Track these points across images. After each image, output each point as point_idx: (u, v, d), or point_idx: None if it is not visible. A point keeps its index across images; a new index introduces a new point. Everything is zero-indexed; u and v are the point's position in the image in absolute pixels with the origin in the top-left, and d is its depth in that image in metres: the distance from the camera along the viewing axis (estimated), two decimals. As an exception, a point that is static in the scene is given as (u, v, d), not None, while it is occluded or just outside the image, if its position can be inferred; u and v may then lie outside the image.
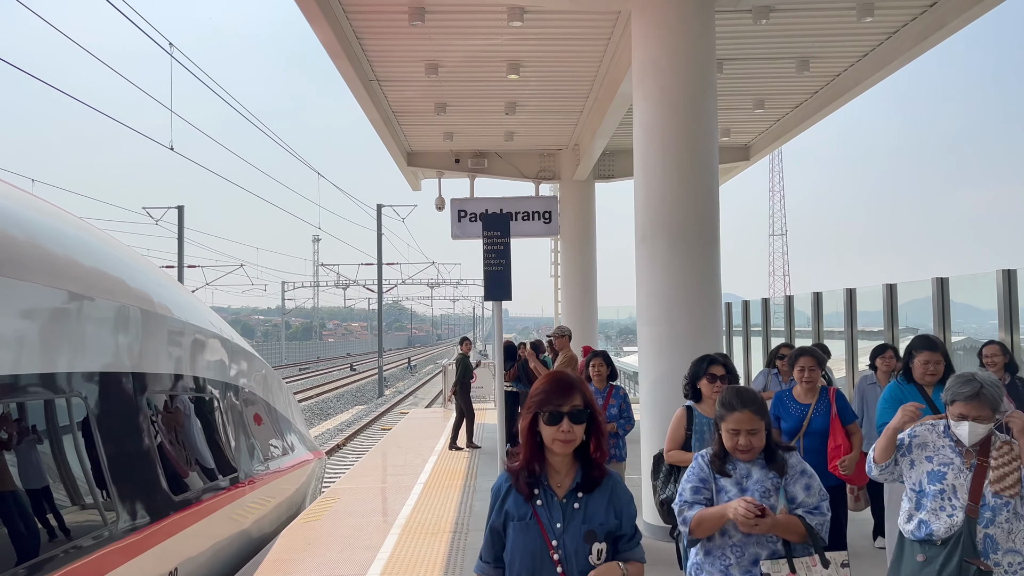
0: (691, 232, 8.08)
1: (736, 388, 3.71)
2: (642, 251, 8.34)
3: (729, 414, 3.56)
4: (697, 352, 7.85)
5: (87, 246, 5.82)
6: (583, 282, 18.70)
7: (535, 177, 18.69)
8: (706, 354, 5.63)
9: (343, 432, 29.04)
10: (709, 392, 5.32)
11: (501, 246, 11.16)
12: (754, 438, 3.53)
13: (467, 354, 14.34)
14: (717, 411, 3.65)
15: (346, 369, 68.48)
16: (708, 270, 8.14)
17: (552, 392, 2.86)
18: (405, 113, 15.02)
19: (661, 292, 8.10)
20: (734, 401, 3.58)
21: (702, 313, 8.01)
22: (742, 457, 3.59)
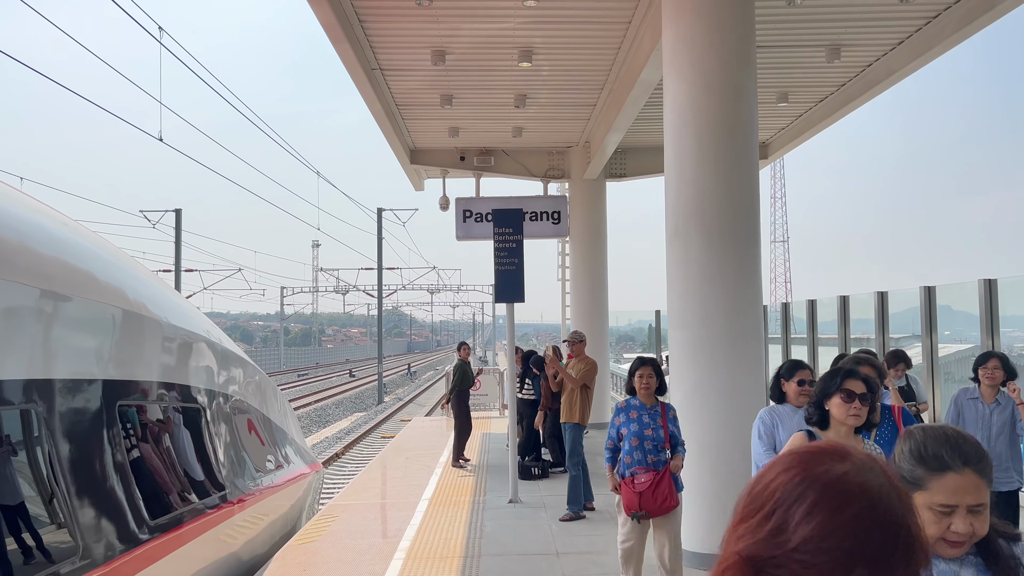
0: (729, 225, 7.30)
1: (944, 430, 2.07)
2: (674, 247, 7.55)
3: (937, 476, 1.98)
4: (736, 358, 7.13)
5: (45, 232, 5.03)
6: (593, 286, 17.90)
7: (544, 176, 17.92)
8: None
9: (342, 440, 28.22)
10: (843, 416, 3.73)
11: (513, 244, 10.37)
12: (977, 520, 1.97)
13: (466, 360, 13.42)
14: (902, 466, 2.05)
15: (345, 375, 67.63)
16: (748, 267, 7.35)
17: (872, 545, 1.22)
18: (409, 106, 14.25)
19: (695, 292, 7.31)
20: (949, 453, 2.00)
21: (741, 315, 7.23)
22: (950, 552, 2.00)
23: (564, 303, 21.54)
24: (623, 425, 5.89)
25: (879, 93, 13.19)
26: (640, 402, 5.95)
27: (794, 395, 4.89)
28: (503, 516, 9.39)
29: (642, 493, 5.68)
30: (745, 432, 7.11)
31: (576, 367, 9.54)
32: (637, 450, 5.77)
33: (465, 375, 12.92)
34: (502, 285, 10.25)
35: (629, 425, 5.85)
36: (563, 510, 9.43)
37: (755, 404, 7.24)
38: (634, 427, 5.82)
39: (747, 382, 7.18)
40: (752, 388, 7.21)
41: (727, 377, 7.10)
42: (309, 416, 36.55)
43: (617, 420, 5.95)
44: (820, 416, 3.82)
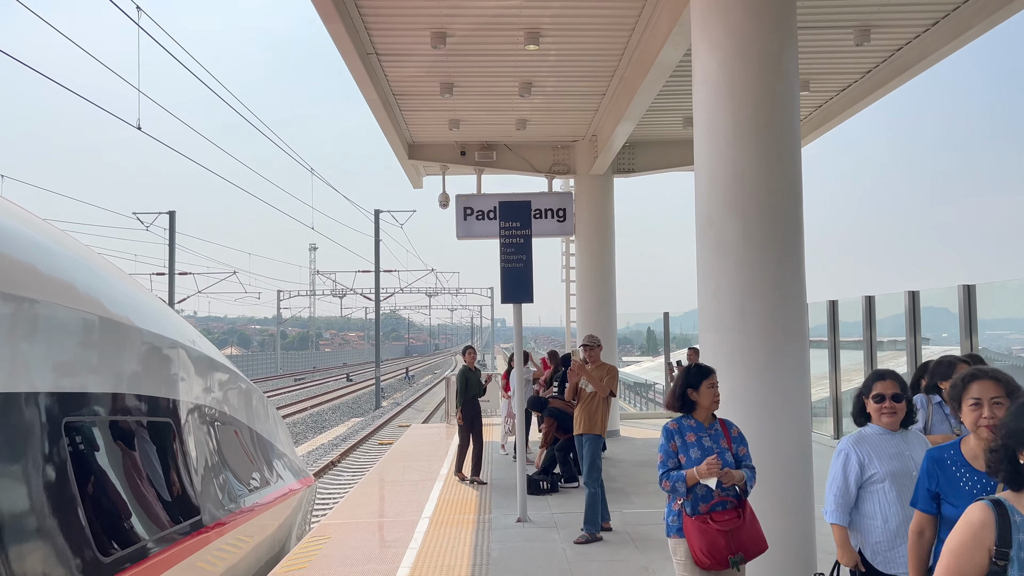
0: (770, 212, 6.46)
1: None
2: (707, 239, 6.70)
3: None
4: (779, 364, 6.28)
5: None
6: (600, 287, 17.03)
7: (548, 171, 17.08)
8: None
9: (338, 447, 27.38)
10: None
11: (521, 239, 9.53)
12: None
13: (471, 366, 12.16)
14: None
15: (342, 380, 66.76)
16: (791, 259, 6.50)
17: None
18: (407, 95, 13.40)
19: (732, 289, 6.46)
20: None
21: (784, 314, 6.39)
22: None
23: (568, 305, 20.68)
24: (682, 451, 4.65)
25: (904, 82, 12.38)
26: (696, 421, 4.72)
27: (876, 414, 4.04)
28: (511, 537, 8.55)
29: (731, 532, 4.49)
30: (791, 449, 6.29)
31: (596, 373, 8.70)
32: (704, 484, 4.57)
33: (469, 383, 11.86)
34: (509, 284, 9.41)
35: (688, 451, 4.64)
36: (577, 530, 8.60)
37: (800, 416, 6.41)
38: (695, 452, 4.62)
39: (791, 391, 6.34)
40: (797, 398, 6.37)
41: (769, 386, 6.26)
42: (305, 422, 35.70)
43: (672, 445, 4.69)
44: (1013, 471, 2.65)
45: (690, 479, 4.53)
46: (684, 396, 4.72)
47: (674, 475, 4.59)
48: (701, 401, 4.70)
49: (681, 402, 4.75)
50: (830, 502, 4.06)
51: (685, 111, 14.91)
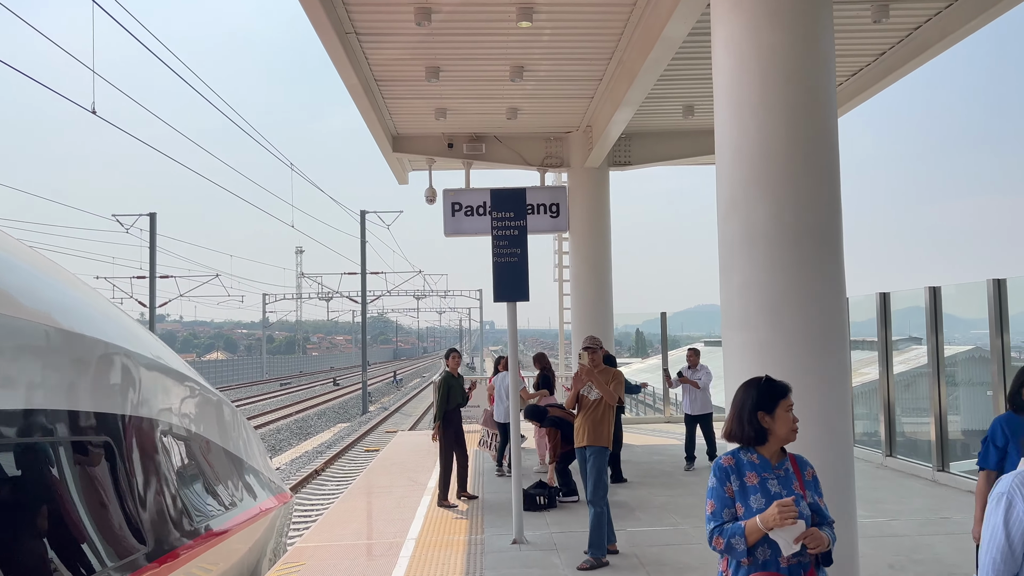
0: (806, 192, 5.63)
1: None
2: (731, 226, 5.85)
3: None
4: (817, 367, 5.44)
5: None
6: (596, 285, 16.17)
7: (540, 164, 16.22)
8: None
9: (322, 455, 26.43)
10: None
11: (515, 231, 8.67)
12: None
13: (455, 372, 10.63)
14: None
15: (329, 384, 65.72)
16: (829, 247, 5.66)
17: None
18: (390, 81, 12.52)
19: (761, 281, 5.62)
20: None
21: (823, 309, 5.54)
22: None
23: (562, 306, 19.82)
24: (740, 499, 3.38)
25: (917, 67, 11.62)
26: (761, 457, 3.44)
27: None
28: (507, 562, 7.67)
29: None
30: (833, 469, 5.44)
31: (602, 379, 7.85)
32: (769, 543, 3.28)
33: (452, 391, 10.37)
34: (502, 280, 8.53)
35: (748, 499, 3.36)
36: (579, 552, 7.73)
37: (841, 430, 5.56)
38: (757, 501, 3.34)
39: (832, 399, 5.51)
40: (837, 407, 5.53)
41: (806, 393, 5.39)
42: (289, 428, 34.74)
43: (728, 489, 3.41)
44: None
45: (752, 533, 3.25)
46: (754, 422, 3.45)
47: (730, 528, 3.32)
48: (776, 430, 3.44)
49: (754, 431, 3.45)
50: (988, 570, 2.80)
51: (686, 98, 14.09)
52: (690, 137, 16.27)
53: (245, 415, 35.12)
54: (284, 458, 27.27)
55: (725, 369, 5.87)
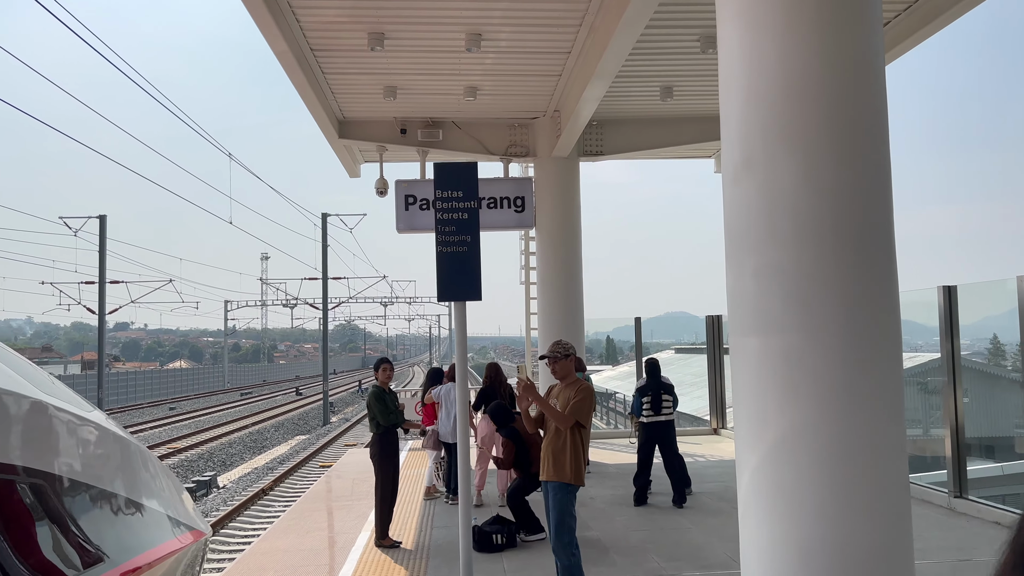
0: (845, 147, 4.11)
1: None
2: (743, 190, 4.32)
3: None
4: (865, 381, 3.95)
5: None
6: (566, 287, 14.63)
7: (504, 154, 14.67)
8: None
9: (274, 471, 24.66)
10: None
11: (464, 213, 7.08)
12: None
13: (384, 386, 8.89)
14: None
15: (292, 393, 63.66)
16: (878, 219, 4.15)
17: None
18: (328, 50, 10.92)
19: (786, 265, 4.11)
20: None
21: (873, 305, 4.03)
22: None
23: (528, 310, 18.27)
24: None
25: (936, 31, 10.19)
26: None
27: None
28: (451, 627, 6.10)
29: None
30: (886, 517, 3.93)
31: (563, 395, 6.29)
32: None
33: (386, 408, 8.68)
34: (448, 275, 6.95)
35: None
36: (542, 612, 6.18)
37: (896, 463, 4.04)
38: None
39: (884, 423, 3.99)
40: (891, 433, 4.02)
41: (851, 417, 3.90)
42: (243, 441, 32.85)
43: None
44: None
45: None
46: None
47: None
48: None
49: None
50: None
51: (663, 77, 12.62)
52: (668, 125, 14.82)
53: (198, 427, 33.13)
54: (233, 475, 25.49)
55: (735, 389, 4.34)
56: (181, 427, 37.92)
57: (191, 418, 43.35)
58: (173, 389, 69.78)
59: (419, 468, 13.25)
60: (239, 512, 18.01)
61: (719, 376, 17.13)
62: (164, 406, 54.11)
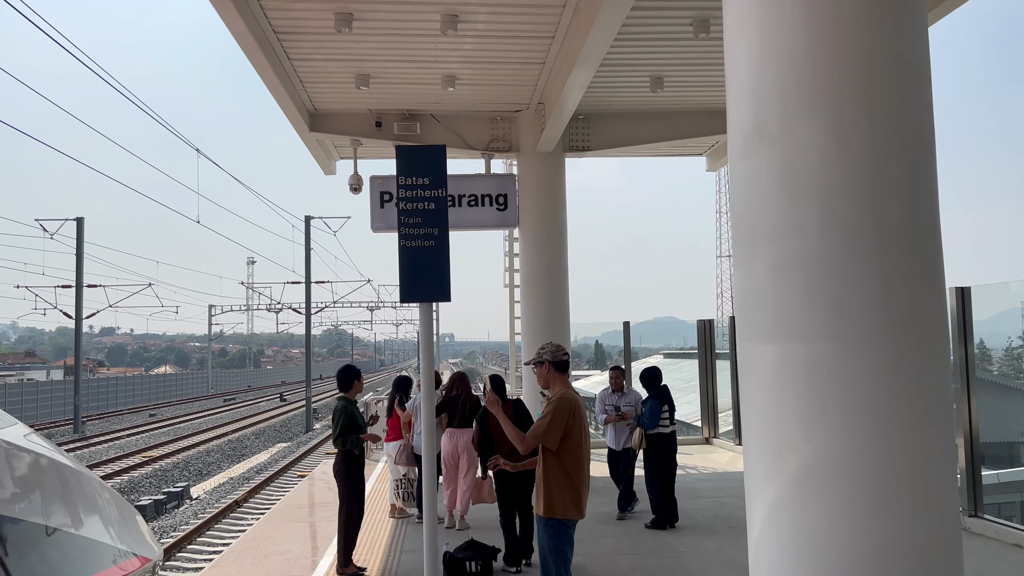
0: (880, 115, 3.33)
1: None
2: (755, 164, 3.54)
3: None
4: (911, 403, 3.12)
5: None
6: (551, 289, 13.85)
7: (486, 149, 13.90)
8: None
9: (250, 481, 23.77)
10: None
11: (431, 204, 6.26)
12: None
13: (353, 399, 7.91)
14: None
15: (276, 399, 62.65)
16: (921, 205, 3.38)
17: None
18: (293, 33, 10.12)
19: (812, 257, 3.32)
20: None
21: (919, 308, 3.25)
22: None
23: (512, 314, 17.48)
24: None
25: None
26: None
27: None
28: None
29: None
30: (936, 562, 3.15)
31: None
32: None
33: (354, 422, 7.73)
34: (412, 273, 6.14)
35: None
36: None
37: (947, 501, 3.25)
38: None
39: (933, 449, 3.20)
40: (942, 465, 3.24)
41: (894, 444, 3.12)
42: (222, 449, 31.91)
43: None
44: None
45: None
46: None
47: None
48: None
49: None
50: None
51: (653, 66, 11.87)
52: (659, 119, 14.07)
53: (177, 434, 32.01)
54: (208, 484, 24.58)
55: (745, 407, 3.56)
56: (159, 434, 36.94)
57: (170, 425, 42.36)
58: (156, 395, 68.65)
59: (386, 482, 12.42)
60: (208, 527, 17.14)
61: (711, 382, 16.37)
62: (145, 412, 53.06)
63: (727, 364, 15.74)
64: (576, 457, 5.34)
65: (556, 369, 5.51)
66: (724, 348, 16.37)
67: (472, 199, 13.89)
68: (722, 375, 16.13)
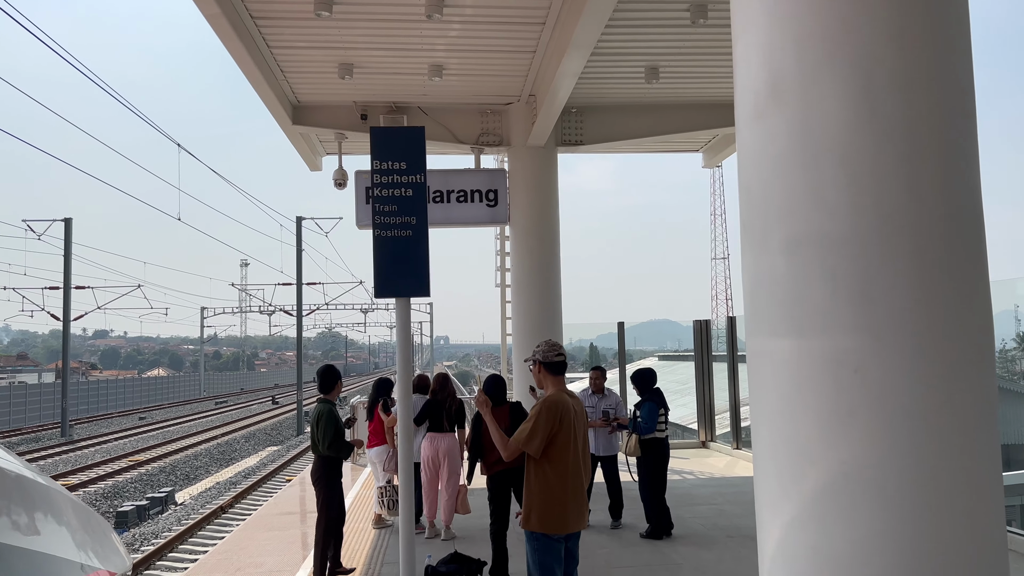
0: (914, 73, 2.86)
1: None
2: (768, 127, 3.05)
3: None
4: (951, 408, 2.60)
5: None
6: (542, 288, 13.37)
7: (475, 143, 13.43)
8: None
9: (237, 486, 23.27)
10: None
11: (408, 190, 5.78)
12: None
13: (334, 401, 7.49)
14: None
15: (268, 402, 62.11)
16: (963, 167, 2.91)
17: None
18: (271, 18, 9.65)
19: (836, 239, 2.84)
20: None
21: (958, 296, 2.79)
22: None
23: (504, 314, 17.03)
24: None
25: None
26: None
27: None
28: None
29: None
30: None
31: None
32: None
33: (339, 427, 7.28)
34: (387, 265, 5.66)
35: None
36: None
37: (993, 526, 2.79)
38: None
39: (978, 462, 2.74)
40: (987, 480, 2.77)
41: (932, 450, 2.65)
42: (210, 453, 31.39)
43: None
44: None
45: None
46: None
47: None
48: None
49: None
50: None
51: (648, 55, 11.41)
52: (654, 112, 13.61)
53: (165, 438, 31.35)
54: (195, 489, 24.10)
55: (754, 411, 3.09)
56: (147, 438, 36.39)
57: (159, 428, 41.80)
58: (148, 398, 68.06)
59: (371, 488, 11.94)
60: (191, 533, 16.65)
61: (708, 384, 15.93)
62: (134, 416, 52.47)
63: (724, 366, 15.38)
64: (561, 466, 4.85)
65: (548, 371, 5.03)
66: (721, 350, 16.01)
67: (461, 195, 13.44)
68: (719, 376, 15.71)
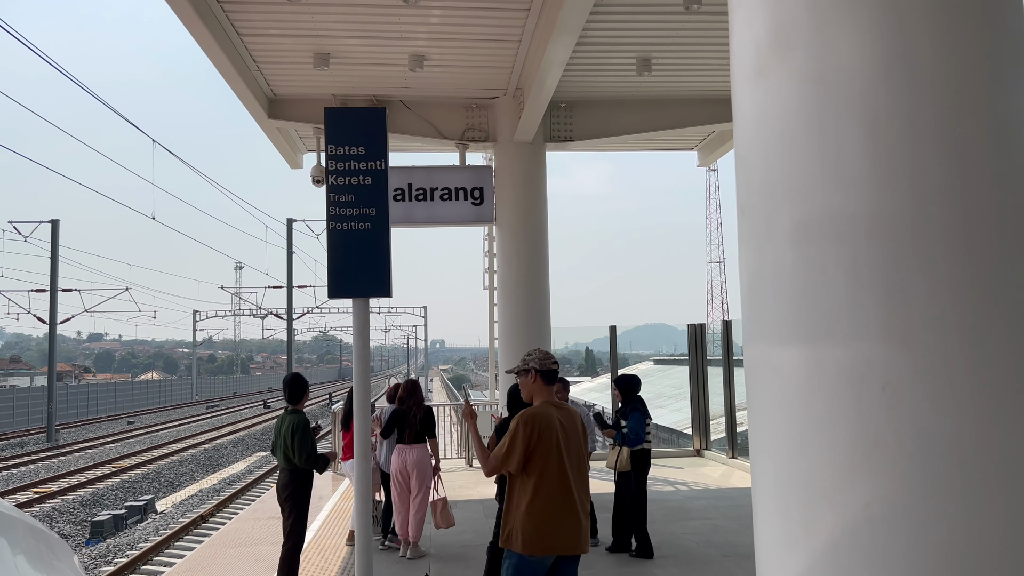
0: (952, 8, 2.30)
1: None
2: (774, 87, 2.50)
3: None
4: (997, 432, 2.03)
5: None
6: (530, 290, 12.80)
7: (460, 139, 12.87)
8: None
9: (220, 493, 22.64)
10: None
11: (367, 178, 5.20)
12: None
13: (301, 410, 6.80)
14: None
15: (260, 407, 61.44)
16: (1016, 136, 2.34)
17: None
18: (239, 2, 9.09)
19: (857, 220, 2.27)
20: None
21: (1011, 296, 2.22)
22: None
23: (492, 317, 16.45)
24: None
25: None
26: None
27: None
28: None
29: None
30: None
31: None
32: None
33: (305, 438, 6.53)
34: (342, 262, 5.08)
35: None
36: None
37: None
38: None
39: None
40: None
41: (984, 487, 2.09)
42: (196, 459, 30.75)
43: None
44: None
45: None
46: None
47: None
48: None
49: None
50: None
51: (639, 45, 10.87)
52: (646, 107, 13.07)
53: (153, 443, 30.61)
54: (177, 497, 23.46)
55: (754, 434, 2.52)
56: (134, 443, 35.75)
57: (148, 433, 41.14)
58: (139, 402, 67.34)
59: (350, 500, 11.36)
60: (167, 544, 16.04)
61: (703, 390, 15.37)
62: (123, 420, 51.80)
63: (719, 371, 14.87)
64: (543, 482, 4.32)
65: (544, 380, 4.56)
66: (716, 355, 15.59)
67: (445, 192, 12.88)
68: (714, 381, 15.18)
